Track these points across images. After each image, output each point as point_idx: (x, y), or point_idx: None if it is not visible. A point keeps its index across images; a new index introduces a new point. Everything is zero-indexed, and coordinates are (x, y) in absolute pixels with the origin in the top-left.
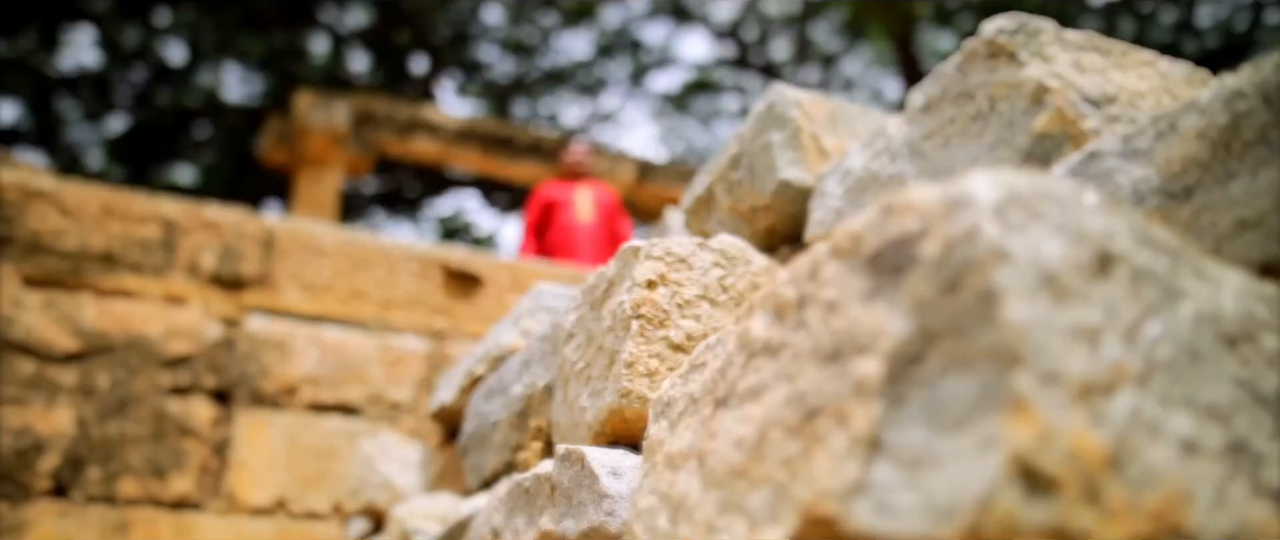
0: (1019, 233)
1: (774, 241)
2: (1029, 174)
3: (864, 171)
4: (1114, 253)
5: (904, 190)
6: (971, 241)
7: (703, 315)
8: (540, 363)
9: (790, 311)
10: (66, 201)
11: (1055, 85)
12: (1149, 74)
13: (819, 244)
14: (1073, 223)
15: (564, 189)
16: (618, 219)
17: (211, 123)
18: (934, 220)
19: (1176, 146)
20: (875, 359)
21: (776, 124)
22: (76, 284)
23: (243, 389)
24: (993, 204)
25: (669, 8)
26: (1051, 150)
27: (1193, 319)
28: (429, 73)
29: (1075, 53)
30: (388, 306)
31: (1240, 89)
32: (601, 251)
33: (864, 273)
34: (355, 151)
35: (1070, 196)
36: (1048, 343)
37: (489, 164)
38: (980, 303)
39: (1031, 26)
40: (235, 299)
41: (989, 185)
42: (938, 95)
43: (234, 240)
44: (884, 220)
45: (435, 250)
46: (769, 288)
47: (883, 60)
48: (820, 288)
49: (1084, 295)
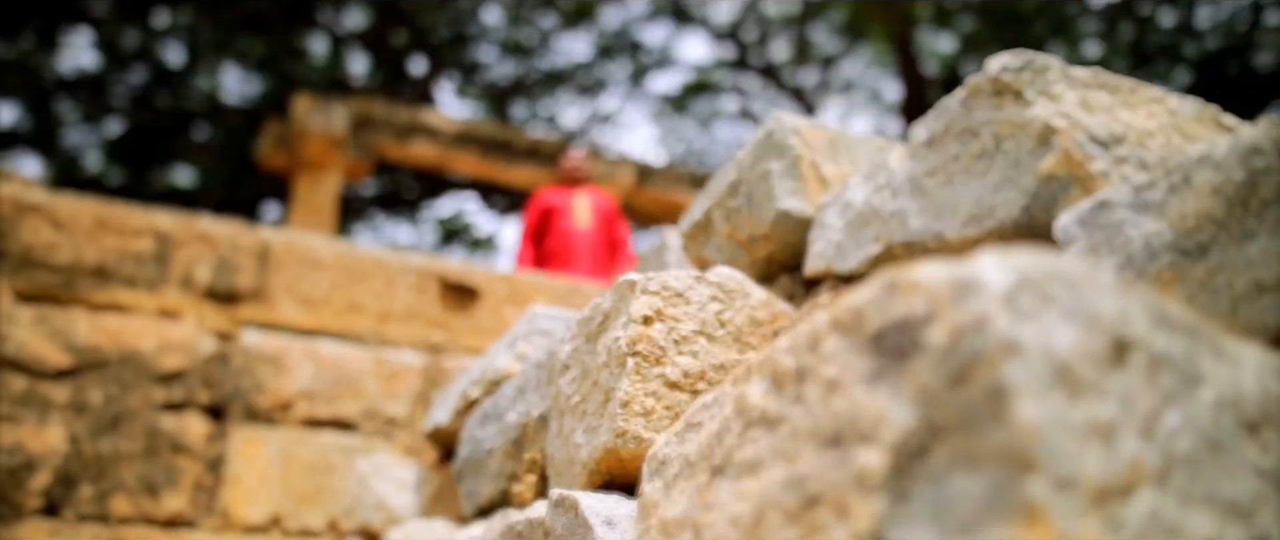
0: (1030, 321)
1: (773, 270)
2: (1040, 254)
3: (865, 205)
4: (1130, 338)
5: (910, 268)
6: (981, 332)
7: (700, 351)
8: (535, 391)
9: (789, 383)
10: (59, 215)
11: (1062, 125)
12: (1158, 112)
13: (819, 313)
14: (1086, 307)
15: (562, 195)
16: (616, 225)
17: (210, 124)
18: (941, 304)
19: (1190, 201)
20: (878, 450)
21: (775, 152)
22: (69, 298)
23: (237, 404)
24: (1003, 291)
25: (668, 9)
26: (1058, 192)
27: (1213, 405)
28: (428, 74)
29: (1082, 91)
30: (384, 320)
31: (1258, 145)
32: (600, 258)
33: (866, 353)
34: (354, 155)
35: (1084, 277)
36: (1061, 443)
37: (488, 167)
38: (990, 399)
39: (1038, 64)
40: (230, 313)
41: (999, 268)
42: (941, 131)
43: (229, 253)
44: (888, 298)
45: (432, 262)
46: (767, 353)
47: (882, 61)
48: (820, 362)
49: (1099, 388)
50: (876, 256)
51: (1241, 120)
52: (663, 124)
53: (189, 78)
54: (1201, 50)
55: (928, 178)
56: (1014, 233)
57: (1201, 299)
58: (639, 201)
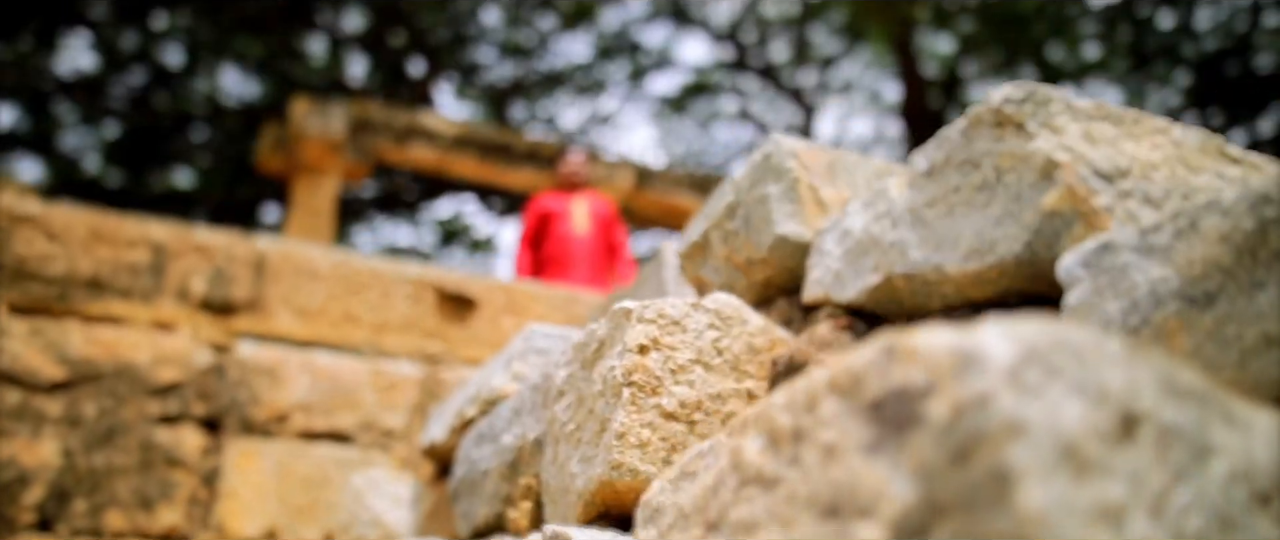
0: (1036, 397)
1: (771, 293)
2: (1046, 324)
3: (864, 234)
4: (1139, 411)
5: (910, 335)
6: (984, 409)
7: (697, 380)
8: (531, 414)
9: (786, 442)
10: (53, 226)
11: (1065, 159)
12: (1162, 143)
13: (817, 372)
14: (1094, 380)
15: (560, 200)
16: (614, 230)
17: (209, 126)
18: (942, 376)
19: (1198, 247)
20: (877, 525)
21: (773, 175)
22: (63, 311)
23: (233, 417)
24: (1007, 366)
25: (667, 10)
26: (1061, 228)
27: (1224, 479)
28: (426, 75)
29: (1085, 123)
30: (381, 330)
31: (1267, 193)
32: (598, 264)
33: (865, 420)
34: (352, 158)
35: (1091, 347)
36: (1068, 528)
37: (486, 171)
38: (994, 481)
39: (1040, 95)
40: (226, 324)
41: (1003, 340)
42: (941, 161)
43: (224, 263)
44: (887, 364)
45: (429, 272)
46: (763, 407)
47: (881, 62)
48: (818, 425)
49: (1107, 466)
50: (876, 286)
51: (1246, 151)
52: (662, 125)
53: (188, 79)
54: (1200, 51)
55: (928, 208)
56: (1016, 268)
57: (1208, 350)
58: (638, 205)
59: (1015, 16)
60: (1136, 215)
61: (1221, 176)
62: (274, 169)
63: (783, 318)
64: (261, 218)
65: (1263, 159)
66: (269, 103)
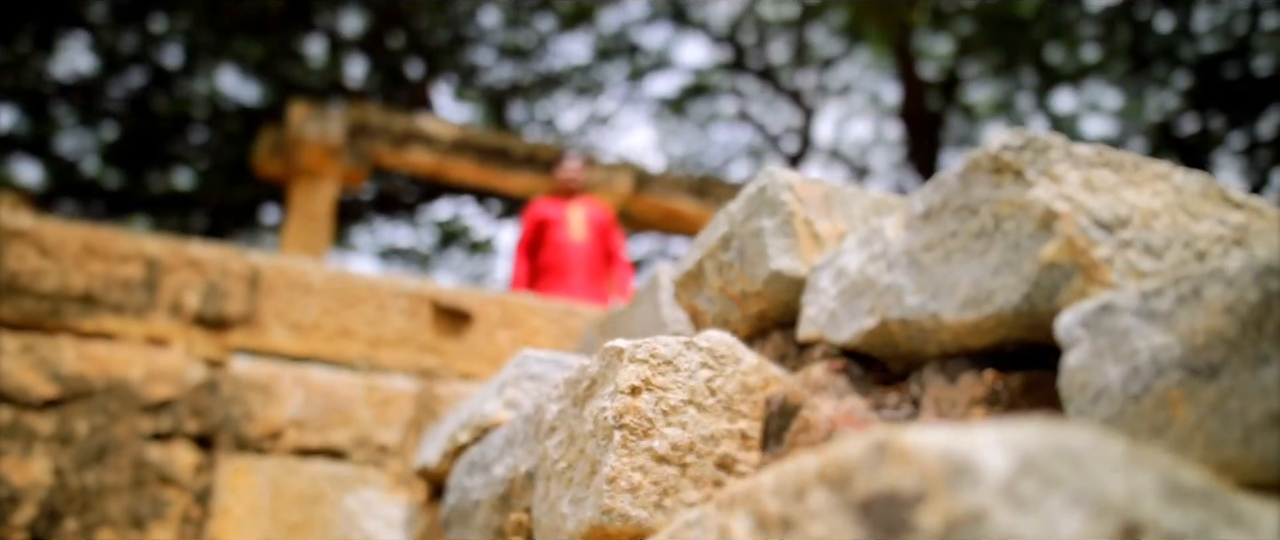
0: (1032, 512)
1: (766, 325)
2: (1044, 429)
3: (859, 275)
4: (1141, 521)
5: (901, 435)
6: (978, 525)
7: (689, 421)
8: (522, 446)
9: (774, 528)
10: (45, 241)
11: (1064, 209)
12: (1163, 190)
13: (806, 459)
14: (1093, 489)
15: (556, 207)
16: (611, 236)
17: (208, 128)
18: (935, 484)
19: (1201, 316)
20: None
21: (768, 209)
22: (55, 326)
23: (226, 434)
24: (1003, 479)
25: (667, 11)
26: (1060, 280)
27: None
28: (425, 77)
29: (1085, 170)
30: (376, 345)
31: (1272, 265)
32: (596, 271)
33: (854, 519)
34: (350, 163)
35: (1090, 453)
36: None
37: (484, 175)
38: None
39: (1039, 142)
40: (219, 339)
41: (998, 449)
42: (938, 204)
43: (218, 278)
44: (878, 463)
45: (424, 286)
46: (751, 487)
47: (880, 64)
48: (806, 517)
49: None
50: (872, 330)
51: (1248, 195)
52: (661, 126)
53: (187, 81)
54: (1199, 53)
55: (924, 252)
56: (1014, 319)
57: (1212, 424)
58: (637, 208)
59: (1014, 19)
60: (1137, 265)
61: (1223, 223)
62: (271, 173)
63: (777, 353)
64: (261, 219)
65: (1264, 203)
66: (268, 105)
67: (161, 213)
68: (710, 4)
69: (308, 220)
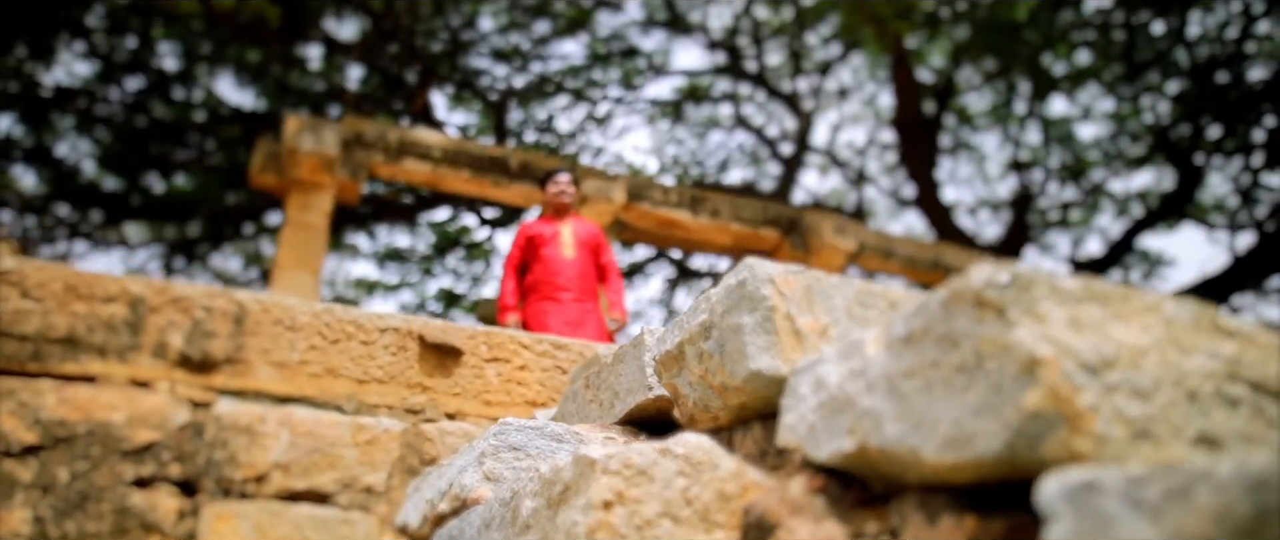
0: None
1: (747, 415)
2: None
3: (839, 390)
4: None
5: None
6: None
7: (663, 535)
8: (499, 530)
9: None
10: (28, 282)
11: (1048, 354)
12: (1152, 324)
13: None
14: None
15: (546, 225)
16: (602, 252)
17: (207, 133)
18: None
19: (1190, 518)
20: None
21: (748, 304)
22: (38, 369)
23: (210, 478)
24: None
25: (663, 16)
26: (1043, 430)
27: None
28: (422, 81)
29: (1072, 306)
30: (362, 383)
31: (1264, 477)
32: (586, 287)
33: None
34: (345, 175)
35: None
36: None
37: (479, 186)
38: None
39: (1023, 279)
40: (204, 380)
41: None
42: (920, 330)
43: (203, 317)
44: None
45: (412, 322)
46: None
47: (876, 67)
48: None
49: None
50: (851, 453)
51: (1243, 322)
52: (657, 130)
53: (185, 86)
54: (1193, 59)
55: (905, 379)
56: (995, 466)
57: None
58: (631, 218)
59: (1009, 24)
60: (1124, 411)
61: (1215, 356)
62: (266, 185)
63: (758, 447)
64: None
65: (1256, 328)
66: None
67: (160, 218)
68: (707, 9)
69: (303, 232)
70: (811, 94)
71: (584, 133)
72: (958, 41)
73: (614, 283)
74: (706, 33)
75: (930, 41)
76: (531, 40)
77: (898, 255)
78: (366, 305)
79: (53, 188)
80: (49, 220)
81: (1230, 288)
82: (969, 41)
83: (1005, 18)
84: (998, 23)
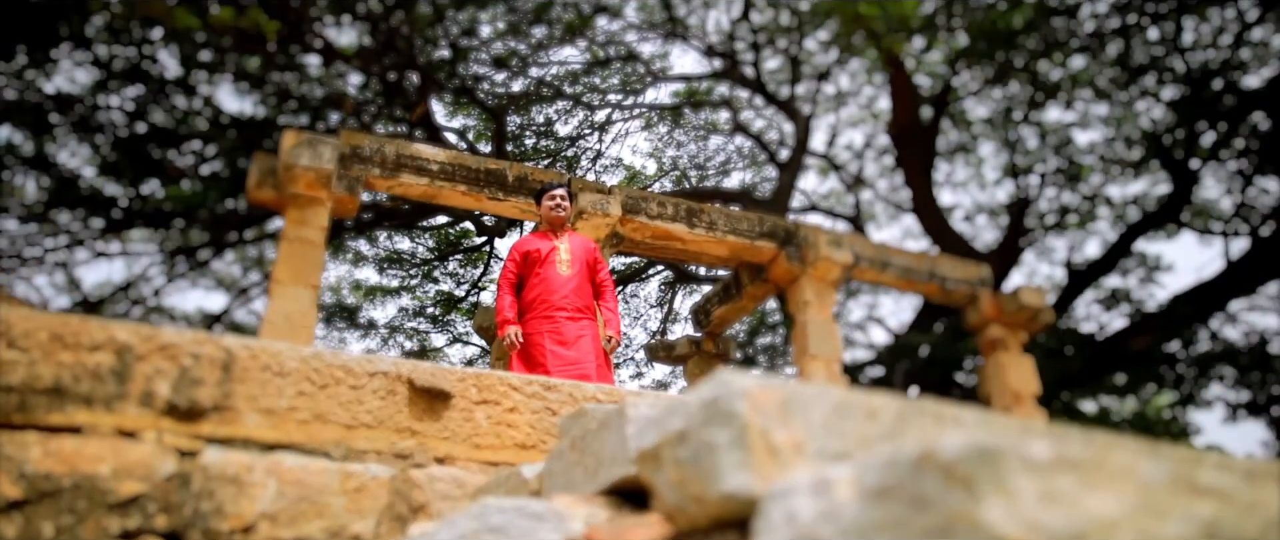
0: None
1: (724, 522)
2: None
3: (810, 529)
4: None
5: None
6: None
7: None
8: None
9: None
10: (13, 332)
11: (1017, 534)
12: (1127, 491)
13: None
14: None
15: (542, 241)
16: (598, 269)
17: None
18: None
19: None
20: None
21: (721, 420)
22: (23, 421)
23: (196, 530)
24: None
25: (662, 23)
26: None
27: None
28: (422, 87)
29: (1043, 479)
30: (351, 428)
31: None
32: (582, 305)
33: None
34: (342, 190)
35: None
36: None
37: (476, 200)
38: None
39: (991, 452)
40: (191, 429)
41: None
42: (892, 485)
43: (191, 364)
44: None
45: (400, 365)
46: None
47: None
48: None
49: None
50: None
51: (1221, 477)
52: (655, 136)
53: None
54: (1188, 65)
55: (875, 533)
56: None
57: None
58: (629, 232)
59: (1006, 31)
60: None
61: (1191, 519)
62: (264, 200)
63: None
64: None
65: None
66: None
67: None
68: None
69: (301, 247)
70: (809, 99)
71: (583, 138)
72: (955, 47)
73: (609, 301)
74: (704, 37)
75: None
76: (530, 46)
77: (893, 267)
78: (367, 310)
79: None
80: (49, 228)
81: (1225, 294)
82: (966, 49)
83: (1002, 25)
84: (995, 30)
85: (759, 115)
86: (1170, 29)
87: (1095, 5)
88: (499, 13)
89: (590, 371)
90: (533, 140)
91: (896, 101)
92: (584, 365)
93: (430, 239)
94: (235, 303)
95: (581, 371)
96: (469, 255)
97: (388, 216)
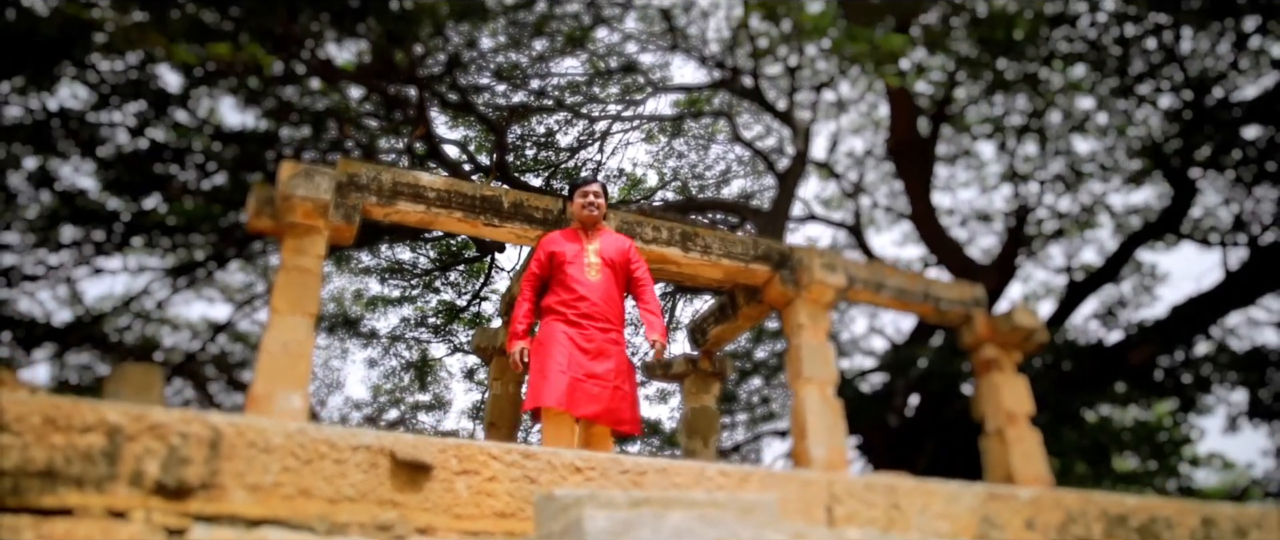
0: None
1: None
2: None
3: None
4: None
5: None
6: None
7: None
8: None
9: None
10: (7, 416)
11: None
12: None
13: None
14: None
15: (570, 241)
16: (634, 269)
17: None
18: None
19: None
20: None
21: None
22: (16, 504)
23: None
24: None
25: (661, 34)
26: None
27: None
28: (421, 99)
29: None
30: (334, 502)
31: None
32: (611, 318)
33: None
34: (339, 218)
35: None
36: None
37: (473, 227)
38: None
39: None
40: (179, 507)
41: None
42: None
43: (179, 443)
44: None
45: (383, 438)
46: None
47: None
48: None
49: None
50: None
51: None
52: (654, 145)
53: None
54: (1186, 75)
55: None
56: None
57: None
58: None
59: (1006, 40)
60: None
61: None
62: (262, 229)
63: None
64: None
65: None
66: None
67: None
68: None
69: (298, 276)
70: (809, 107)
71: (583, 147)
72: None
73: (649, 298)
74: (701, 51)
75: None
76: (531, 57)
77: (888, 288)
78: (368, 319)
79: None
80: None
81: (1223, 305)
82: (968, 56)
83: (1002, 35)
84: (995, 38)
85: (758, 124)
86: (1169, 38)
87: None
88: (499, 26)
89: (623, 402)
90: (533, 151)
91: (894, 118)
92: (613, 383)
93: (432, 249)
94: (238, 314)
95: (611, 392)
96: (470, 265)
97: (389, 230)
